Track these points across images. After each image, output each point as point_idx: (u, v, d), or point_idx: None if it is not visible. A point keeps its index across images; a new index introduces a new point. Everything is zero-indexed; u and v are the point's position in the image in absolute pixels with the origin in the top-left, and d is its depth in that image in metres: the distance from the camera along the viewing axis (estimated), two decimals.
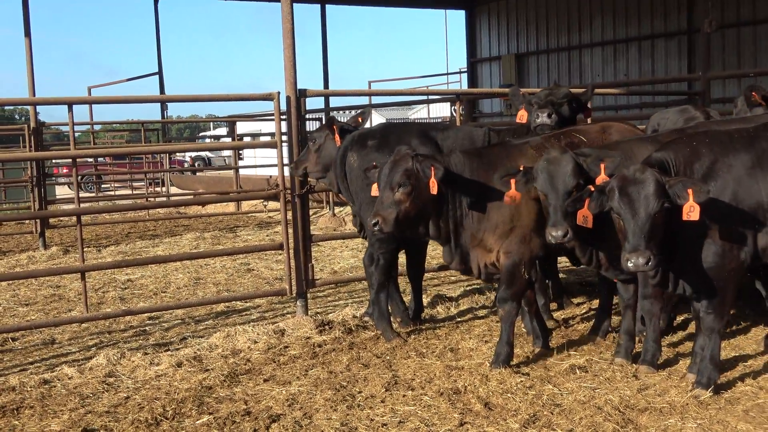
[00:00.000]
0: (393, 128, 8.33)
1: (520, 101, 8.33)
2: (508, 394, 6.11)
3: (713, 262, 5.75)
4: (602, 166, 6.07)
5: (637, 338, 6.99)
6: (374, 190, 6.78)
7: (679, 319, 8.10)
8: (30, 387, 6.76)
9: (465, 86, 30.11)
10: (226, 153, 39.08)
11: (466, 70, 30.59)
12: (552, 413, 5.73)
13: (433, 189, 6.45)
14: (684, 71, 22.66)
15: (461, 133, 8.29)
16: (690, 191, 5.46)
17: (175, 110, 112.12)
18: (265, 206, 20.40)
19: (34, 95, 14.45)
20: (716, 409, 5.69)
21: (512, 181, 6.27)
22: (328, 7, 24.00)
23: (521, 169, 6.30)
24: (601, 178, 6.02)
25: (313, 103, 47.09)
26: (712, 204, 5.60)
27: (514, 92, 8.56)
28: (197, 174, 29.92)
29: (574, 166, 6.07)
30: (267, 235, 16.29)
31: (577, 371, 6.59)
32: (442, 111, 35.56)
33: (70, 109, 8.12)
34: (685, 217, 5.49)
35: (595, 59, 25.51)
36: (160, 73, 24.67)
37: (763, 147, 5.87)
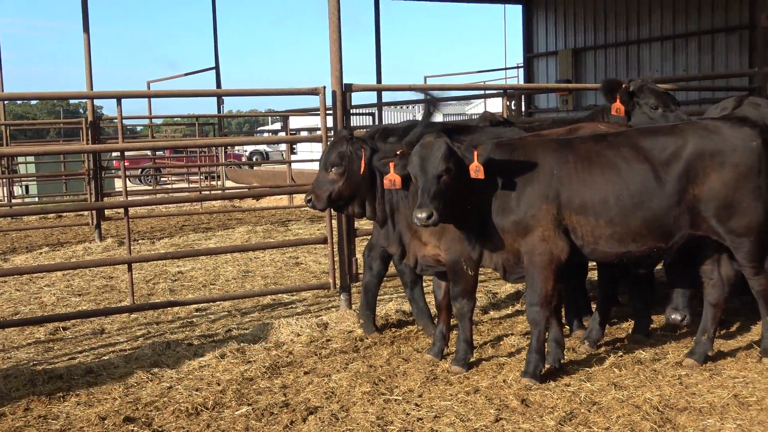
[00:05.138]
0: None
1: (621, 94, 7.95)
2: (546, 391, 6.07)
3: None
4: (475, 153, 6.07)
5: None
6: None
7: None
8: (77, 375, 6.91)
9: (522, 82, 29.83)
10: (282, 147, 39.37)
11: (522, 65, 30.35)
12: (589, 411, 5.68)
13: (363, 170, 6.72)
14: (746, 66, 22.15)
15: (485, 135, 8.16)
16: (475, 152, 5.99)
17: (234, 104, 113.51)
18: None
19: (92, 89, 14.75)
20: (757, 410, 5.57)
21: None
22: (386, 1, 23.95)
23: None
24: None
25: (364, 98, 47.06)
26: None
27: (612, 85, 8.05)
28: (253, 168, 30.20)
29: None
30: (318, 229, 16.34)
31: (618, 370, 6.51)
32: (498, 107, 35.30)
33: (119, 104, 8.28)
34: (472, 175, 6.01)
35: (653, 54, 25.04)
36: (216, 67, 24.93)
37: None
